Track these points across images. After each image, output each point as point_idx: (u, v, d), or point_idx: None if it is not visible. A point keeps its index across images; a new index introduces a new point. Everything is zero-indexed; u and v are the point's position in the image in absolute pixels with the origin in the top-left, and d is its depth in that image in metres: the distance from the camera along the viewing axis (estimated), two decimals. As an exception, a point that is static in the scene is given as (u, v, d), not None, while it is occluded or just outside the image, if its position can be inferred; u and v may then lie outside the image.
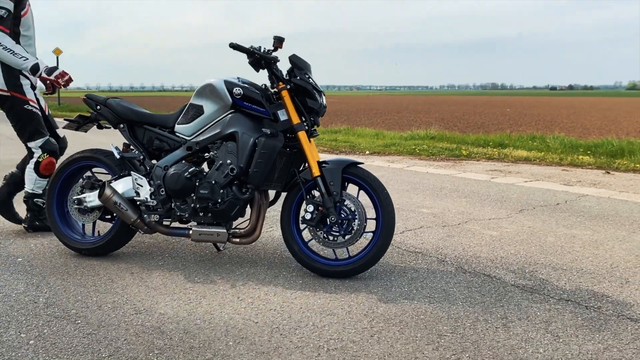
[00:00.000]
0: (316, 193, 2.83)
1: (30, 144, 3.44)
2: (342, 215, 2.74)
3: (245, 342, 2.08)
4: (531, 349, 2.02)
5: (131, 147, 3.13)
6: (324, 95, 2.89)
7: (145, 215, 2.98)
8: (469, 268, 2.95)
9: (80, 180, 3.20)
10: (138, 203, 2.97)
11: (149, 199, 2.93)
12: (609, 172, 6.51)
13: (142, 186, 2.95)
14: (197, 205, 2.85)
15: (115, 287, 2.65)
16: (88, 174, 3.26)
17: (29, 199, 3.52)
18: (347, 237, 2.75)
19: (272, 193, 3.12)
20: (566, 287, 2.66)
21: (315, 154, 2.80)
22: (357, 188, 2.85)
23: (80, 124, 3.24)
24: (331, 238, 2.78)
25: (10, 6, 3.19)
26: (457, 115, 25.44)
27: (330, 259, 2.87)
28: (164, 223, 3.04)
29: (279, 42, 2.81)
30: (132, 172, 3.01)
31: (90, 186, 3.17)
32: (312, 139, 2.85)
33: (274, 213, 4.07)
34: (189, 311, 2.37)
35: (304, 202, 2.81)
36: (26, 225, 3.60)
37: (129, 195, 2.99)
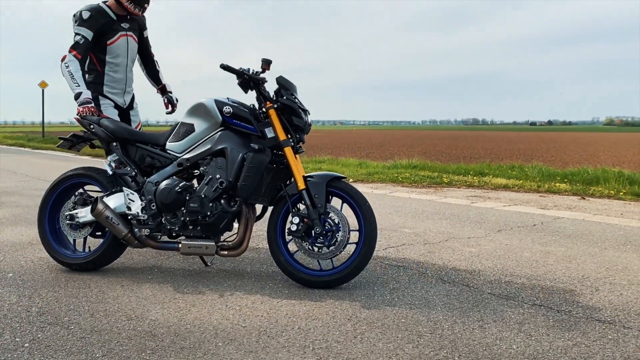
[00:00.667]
0: (301, 206, 2.96)
1: (106, 159, 3.44)
2: (327, 227, 2.87)
3: (234, 343, 2.17)
4: (505, 345, 2.14)
5: (123, 164, 3.24)
6: (309, 114, 3.05)
7: (135, 230, 3.07)
8: (448, 279, 3.07)
9: (73, 196, 3.29)
10: (129, 217, 3.07)
11: (140, 213, 3.03)
12: (584, 198, 6.73)
13: (133, 201, 3.06)
14: (187, 219, 2.95)
15: (107, 298, 2.73)
16: (80, 191, 3.35)
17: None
18: (331, 248, 2.87)
19: (258, 208, 3.24)
20: (539, 295, 2.80)
21: (301, 168, 2.95)
22: (340, 201, 2.98)
23: (73, 143, 3.34)
24: (316, 249, 2.90)
25: (87, 34, 3.38)
26: (439, 148, 25.89)
27: (315, 270, 2.98)
28: (154, 236, 3.13)
29: (266, 64, 2.98)
30: (124, 187, 3.12)
31: (83, 202, 3.26)
32: (297, 155, 3.00)
33: (260, 232, 4.17)
34: (179, 317, 2.46)
35: (290, 214, 2.94)
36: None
37: (120, 210, 3.09)
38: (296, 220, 2.88)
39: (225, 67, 2.95)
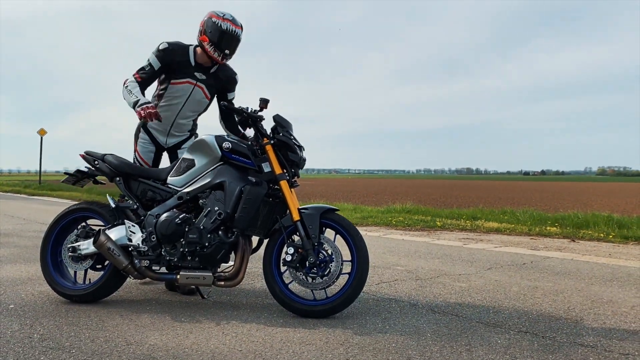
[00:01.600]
0: (296, 237, 3.09)
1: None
2: (320, 257, 2.98)
3: (230, 364, 2.25)
4: (491, 366, 2.23)
5: (126, 198, 3.38)
6: (304, 149, 3.22)
7: (136, 261, 3.17)
8: (438, 310, 3.17)
9: (76, 229, 3.41)
10: (130, 249, 3.18)
11: (140, 245, 3.14)
12: (574, 240, 6.86)
13: (134, 233, 3.18)
14: (186, 250, 3.07)
15: (107, 326, 2.80)
16: (83, 224, 3.46)
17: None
18: (324, 278, 2.98)
19: (254, 241, 3.36)
20: (526, 323, 2.89)
21: (296, 201, 3.09)
22: (333, 232, 3.11)
23: (78, 179, 3.48)
24: (310, 279, 3.00)
25: (155, 63, 3.41)
26: (433, 196, 26.09)
27: (309, 300, 3.07)
28: (153, 269, 3.23)
29: (264, 103, 3.18)
30: (125, 220, 3.24)
31: (85, 235, 3.36)
32: (292, 189, 3.15)
33: (255, 269, 4.27)
34: (177, 343, 2.54)
35: (285, 245, 3.05)
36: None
37: (121, 242, 3.20)
38: (291, 250, 2.99)
39: (226, 106, 3.16)
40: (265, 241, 3.22)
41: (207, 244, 3.03)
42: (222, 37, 3.37)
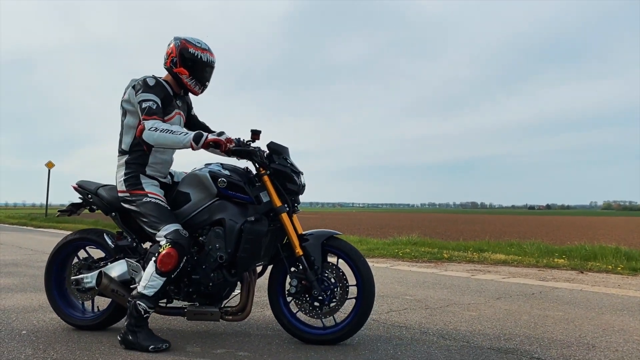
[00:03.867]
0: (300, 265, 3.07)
1: (158, 236, 3.00)
2: (324, 286, 2.98)
3: (244, 388, 2.26)
4: (505, 391, 2.23)
5: (124, 233, 3.32)
6: (303, 174, 3.18)
7: None
8: (449, 337, 3.17)
9: (76, 259, 3.40)
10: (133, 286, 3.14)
11: None
12: (582, 272, 6.82)
13: (136, 272, 3.14)
14: (190, 289, 3.04)
15: (119, 352, 2.82)
16: (84, 255, 3.43)
17: (134, 299, 2.94)
18: (331, 304, 2.98)
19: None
20: (538, 350, 2.89)
21: (298, 226, 3.09)
22: (336, 257, 3.10)
23: (73, 212, 3.46)
24: (316, 309, 2.99)
25: (157, 99, 3.08)
26: (438, 230, 25.98)
27: (318, 328, 3.06)
28: (160, 303, 3.16)
29: (255, 134, 3.10)
30: (126, 258, 3.19)
31: (87, 267, 3.32)
32: (295, 215, 3.15)
33: (265, 298, 4.27)
34: (190, 367, 2.54)
35: (288, 276, 3.06)
36: (120, 338, 2.94)
37: (123, 277, 3.15)
38: (294, 282, 2.99)
39: (232, 152, 3.06)
40: (270, 267, 3.22)
41: (210, 284, 2.99)
42: (203, 69, 3.20)
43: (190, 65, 3.17)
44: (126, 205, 3.15)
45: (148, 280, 2.88)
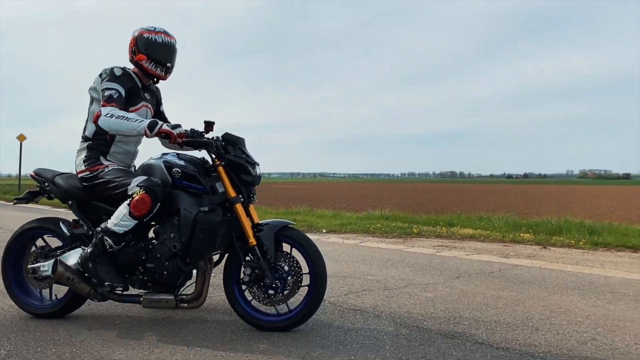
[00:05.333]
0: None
1: (130, 189, 3.02)
2: (277, 274, 3.04)
3: (191, 379, 2.32)
4: (442, 378, 2.33)
5: (80, 221, 3.32)
6: (259, 165, 3.21)
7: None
8: (400, 321, 3.26)
9: (34, 248, 3.41)
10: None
11: None
12: (545, 247, 7.01)
13: None
14: (145, 277, 3.08)
15: (74, 341, 2.86)
16: (41, 244, 3.43)
17: (102, 232, 3.05)
18: (285, 292, 3.05)
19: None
20: (483, 334, 3.00)
21: (255, 216, 3.15)
22: (290, 247, 3.14)
23: (30, 200, 3.45)
24: (270, 296, 3.05)
25: (121, 90, 3.13)
26: (417, 200, 26.30)
27: (272, 315, 3.14)
28: (116, 291, 3.19)
29: (208, 125, 3.17)
30: (82, 247, 3.19)
31: (44, 256, 3.33)
32: (251, 205, 3.18)
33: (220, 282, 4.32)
34: (141, 357, 2.60)
35: (242, 265, 3.10)
36: (79, 260, 3.10)
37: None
38: (248, 271, 3.05)
39: (184, 142, 3.05)
40: (226, 256, 3.26)
41: (165, 272, 3.02)
42: (160, 50, 3.25)
43: (147, 49, 3.23)
44: (89, 184, 3.18)
45: (120, 219, 2.97)
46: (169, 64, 3.30)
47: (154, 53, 3.24)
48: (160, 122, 3.00)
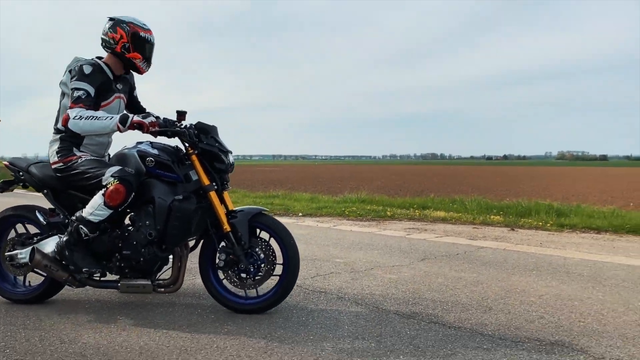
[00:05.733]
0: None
1: (104, 179, 3.06)
2: (252, 260, 3.16)
3: (155, 360, 2.43)
4: (394, 357, 2.48)
5: (56, 210, 3.38)
6: (231, 153, 3.31)
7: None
8: (362, 302, 3.41)
9: (13, 234, 3.47)
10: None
11: None
12: (513, 229, 7.23)
13: None
14: (122, 264, 3.16)
15: (43, 325, 2.95)
16: (22, 231, 3.50)
17: (77, 221, 3.10)
18: (256, 278, 3.17)
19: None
20: (438, 314, 3.16)
21: (229, 203, 3.25)
22: (266, 234, 3.25)
23: (4, 189, 3.48)
24: (242, 280, 3.17)
25: (90, 89, 3.12)
26: (398, 182, 26.57)
27: (241, 297, 3.26)
28: (94, 277, 3.28)
29: (180, 115, 3.26)
30: (58, 235, 3.25)
31: (21, 243, 3.40)
32: (226, 192, 3.29)
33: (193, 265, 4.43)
34: (109, 340, 2.70)
35: (218, 251, 3.21)
36: (56, 248, 3.17)
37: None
38: (223, 256, 3.16)
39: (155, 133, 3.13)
40: (202, 242, 3.36)
41: (141, 259, 3.11)
42: (151, 50, 3.33)
43: (142, 48, 3.28)
44: (63, 175, 3.22)
45: (95, 208, 3.03)
46: (151, 60, 3.39)
47: (148, 52, 3.31)
48: (130, 116, 3.05)
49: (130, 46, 3.25)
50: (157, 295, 3.59)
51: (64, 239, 3.15)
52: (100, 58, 3.33)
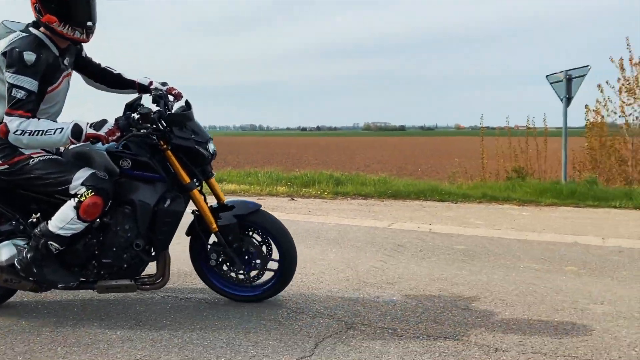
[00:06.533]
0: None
1: (72, 188, 2.56)
2: (245, 259, 3.00)
3: None
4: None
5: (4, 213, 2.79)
6: (212, 140, 2.93)
7: None
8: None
9: None
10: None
11: None
12: (293, 199, 7.78)
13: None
14: (102, 271, 2.78)
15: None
16: None
17: (44, 237, 2.58)
18: (251, 274, 3.05)
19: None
20: (174, 285, 3.38)
21: (218, 191, 3.06)
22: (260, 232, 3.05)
23: None
24: (234, 276, 3.06)
25: (32, 85, 2.45)
26: (222, 155, 26.43)
27: (238, 288, 3.11)
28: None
29: (144, 117, 2.70)
30: (14, 242, 2.72)
31: None
32: (212, 179, 3.00)
33: None
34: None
35: (208, 250, 3.03)
36: (20, 266, 2.64)
37: (12, 262, 2.69)
38: (214, 256, 2.98)
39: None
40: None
41: (125, 265, 2.77)
42: (75, 6, 2.52)
43: (56, 8, 2.50)
44: (9, 178, 2.63)
45: (66, 222, 2.54)
46: (89, 23, 2.58)
47: (68, 12, 2.51)
48: (83, 127, 2.53)
49: (40, 7, 2.51)
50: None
51: (29, 255, 2.61)
52: (39, 29, 2.60)
